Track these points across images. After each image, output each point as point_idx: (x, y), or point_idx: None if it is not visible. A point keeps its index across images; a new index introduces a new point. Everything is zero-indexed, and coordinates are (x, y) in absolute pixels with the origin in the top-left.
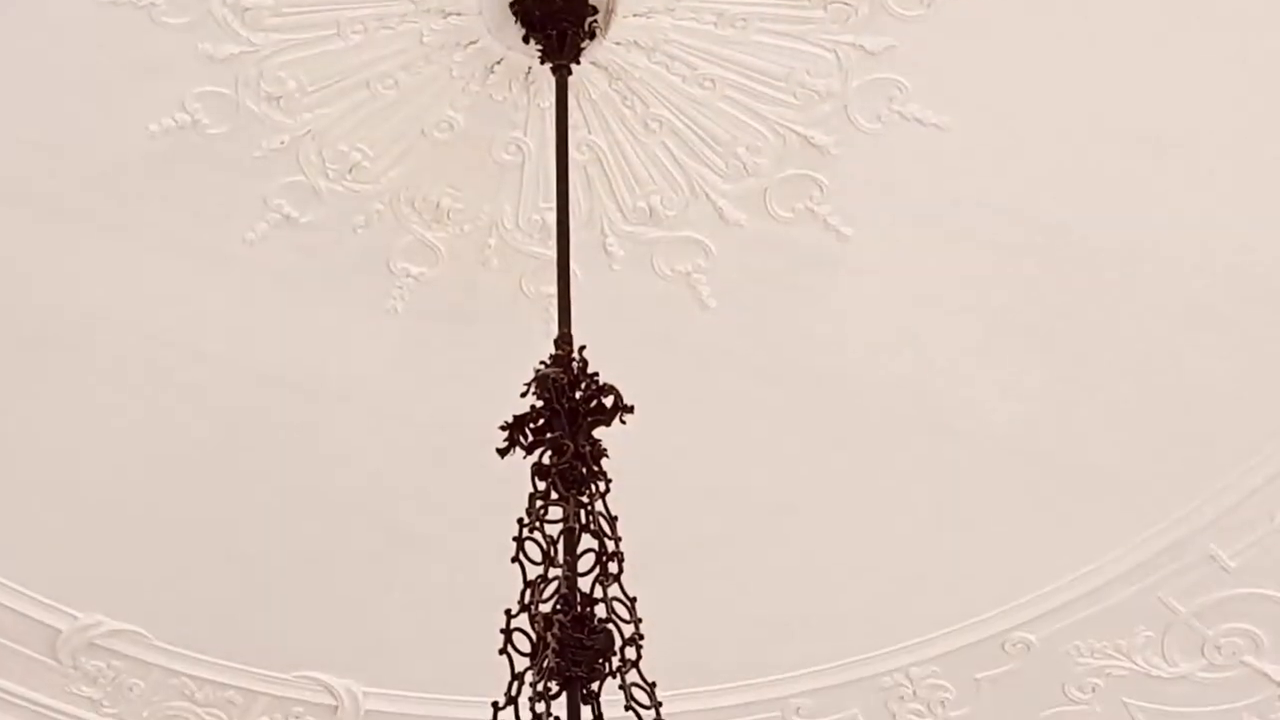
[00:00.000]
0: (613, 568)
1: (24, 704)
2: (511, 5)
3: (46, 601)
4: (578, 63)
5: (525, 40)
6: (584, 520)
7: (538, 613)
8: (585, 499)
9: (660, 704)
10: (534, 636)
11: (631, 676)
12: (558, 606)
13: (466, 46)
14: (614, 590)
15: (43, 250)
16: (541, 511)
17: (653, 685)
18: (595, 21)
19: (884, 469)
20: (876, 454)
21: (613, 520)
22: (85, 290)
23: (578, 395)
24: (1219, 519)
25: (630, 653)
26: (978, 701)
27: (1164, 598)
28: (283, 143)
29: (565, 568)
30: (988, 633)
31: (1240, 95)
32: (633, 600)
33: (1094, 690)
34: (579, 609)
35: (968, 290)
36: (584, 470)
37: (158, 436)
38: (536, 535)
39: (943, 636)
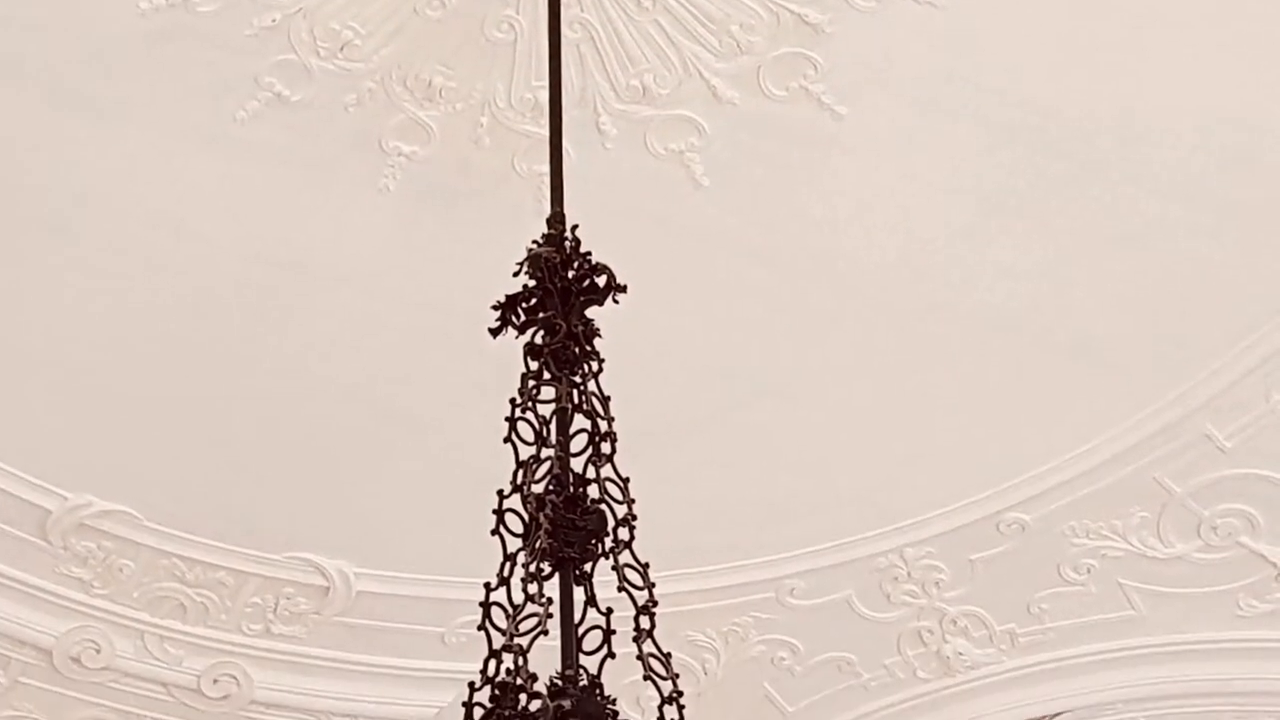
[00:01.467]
0: (605, 448)
1: (14, 585)
2: None
3: (36, 482)
4: None
5: None
6: (576, 400)
7: (530, 493)
8: (578, 379)
9: (653, 585)
10: (526, 517)
11: (624, 557)
12: (550, 487)
13: None
14: (607, 471)
15: (32, 130)
16: (534, 392)
17: (645, 566)
18: None
19: (878, 349)
20: (871, 334)
21: (605, 400)
22: (74, 170)
23: (570, 274)
24: (1214, 399)
25: (623, 533)
26: (972, 583)
27: (1159, 478)
28: (274, 20)
29: (558, 448)
30: (982, 513)
31: None
32: (625, 481)
33: (1089, 571)
34: (571, 489)
35: (961, 170)
36: (576, 350)
37: (148, 317)
38: (529, 415)
39: (937, 517)
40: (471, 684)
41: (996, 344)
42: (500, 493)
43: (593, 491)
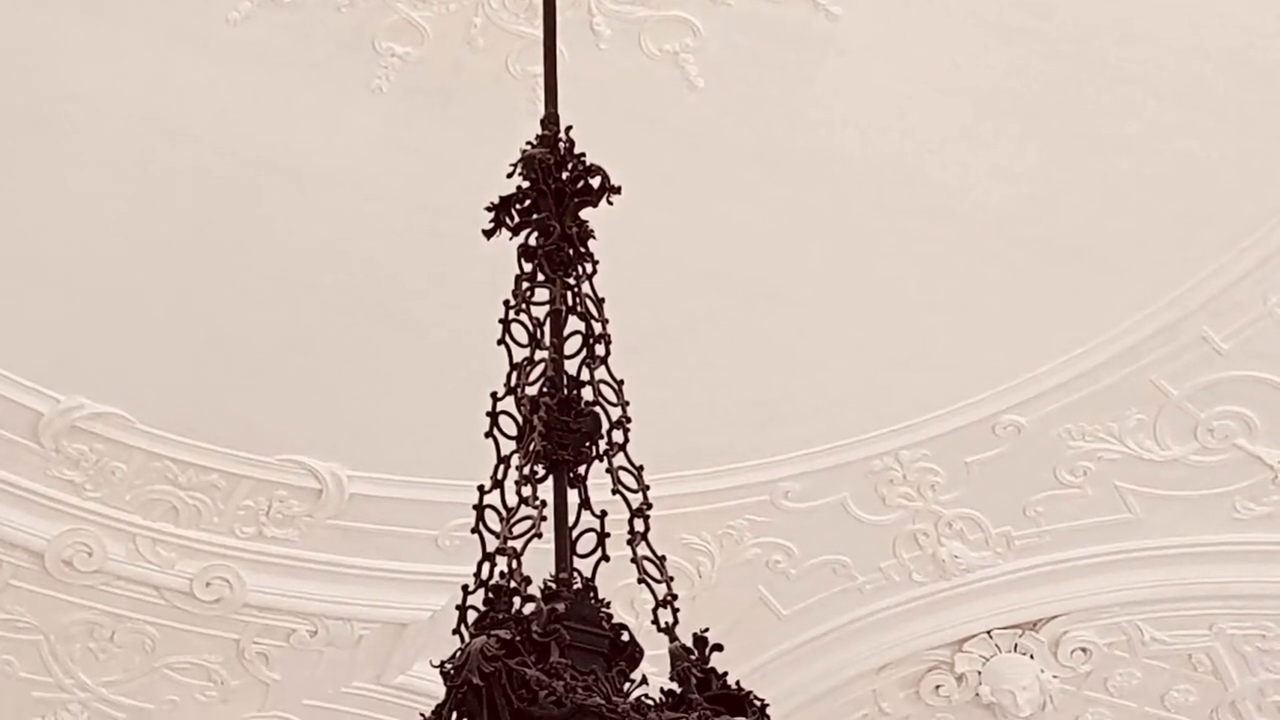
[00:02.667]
0: (600, 350)
1: (5, 488)
2: None
3: (28, 385)
4: None
5: None
6: (570, 302)
7: (524, 395)
8: (572, 280)
9: (648, 488)
10: (520, 419)
11: (619, 460)
12: (544, 389)
13: None
14: (601, 373)
15: (23, 30)
16: (528, 293)
17: (640, 469)
18: None
19: (874, 251)
20: (866, 236)
21: (599, 302)
22: (65, 71)
23: (564, 176)
24: (1211, 301)
25: (617, 436)
26: (968, 485)
27: (1156, 380)
28: None
29: (552, 350)
30: (978, 416)
31: None
32: (620, 383)
33: (1085, 474)
34: (565, 392)
35: (958, 71)
36: (570, 252)
37: (140, 220)
38: (523, 317)
39: (933, 420)
40: (465, 587)
41: (993, 246)
42: (494, 395)
43: (587, 394)
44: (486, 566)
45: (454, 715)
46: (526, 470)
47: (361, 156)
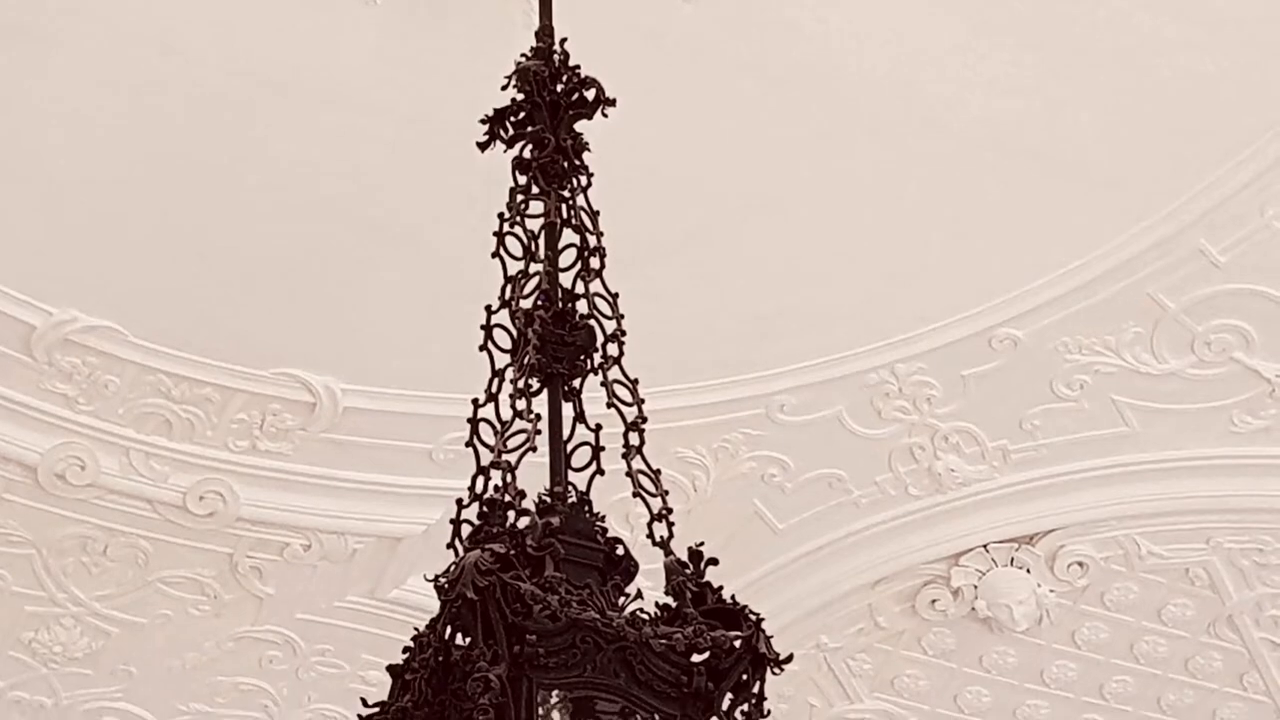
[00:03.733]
0: (594, 263)
1: None
2: None
3: (20, 297)
4: None
5: None
6: (565, 215)
7: (519, 309)
8: (566, 193)
9: (642, 401)
10: (515, 333)
11: (613, 373)
12: (539, 302)
13: None
14: (595, 286)
15: None
16: (522, 206)
17: (635, 382)
18: None
19: (870, 164)
20: (862, 148)
21: (594, 215)
22: None
23: (559, 88)
24: (1208, 214)
25: (612, 349)
26: (964, 398)
27: (1153, 293)
28: None
29: (546, 263)
30: (974, 329)
31: None
32: (615, 296)
33: (1082, 387)
34: (560, 305)
35: None
36: (565, 164)
37: (134, 134)
38: (517, 230)
39: (929, 333)
40: (459, 501)
41: (989, 159)
42: (488, 308)
43: (581, 307)
44: (481, 480)
45: (448, 629)
46: (521, 384)
47: (355, 70)
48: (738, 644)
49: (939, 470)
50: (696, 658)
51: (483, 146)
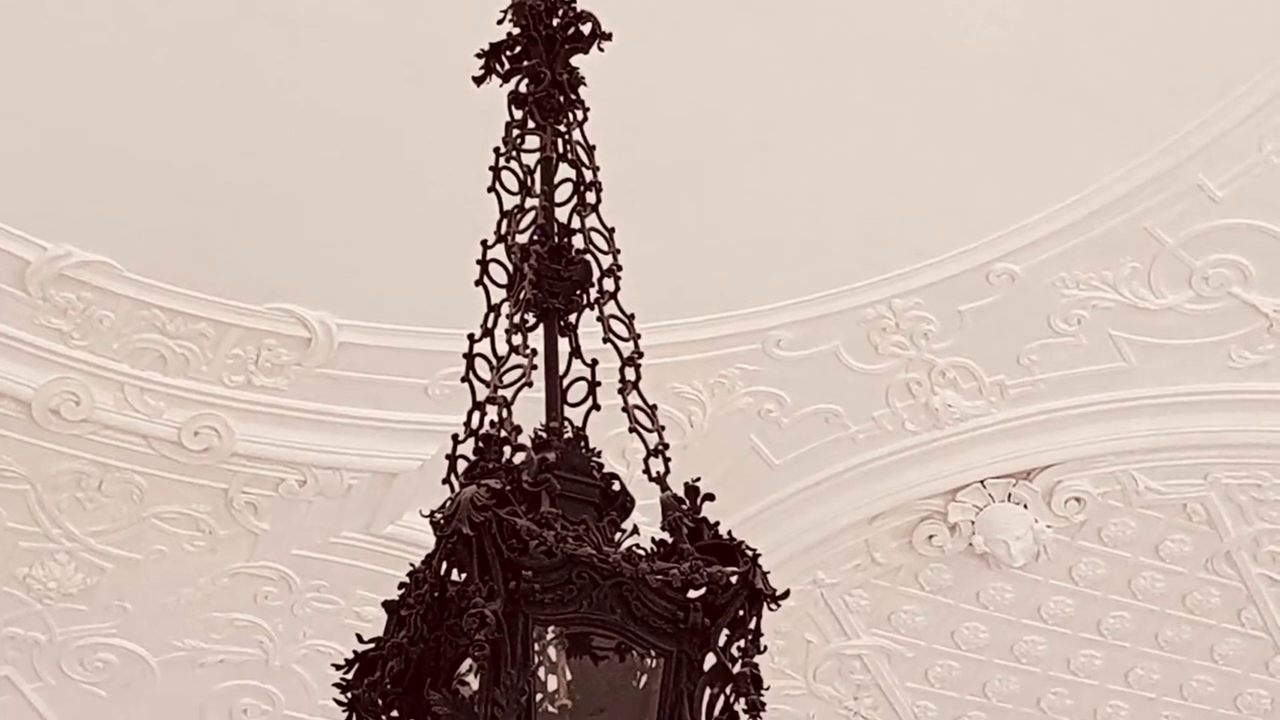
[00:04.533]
0: (590, 197)
1: None
2: None
3: (14, 232)
4: None
5: None
6: (561, 149)
7: (515, 243)
8: (562, 127)
9: (639, 336)
10: (511, 268)
11: (609, 308)
12: (535, 237)
13: None
14: (592, 220)
15: None
16: (518, 140)
17: (631, 317)
18: None
19: (868, 99)
20: (860, 84)
21: (590, 149)
22: None
23: (555, 22)
24: (1206, 148)
25: (608, 284)
26: (961, 333)
27: (1150, 228)
28: None
29: (542, 198)
30: (972, 264)
31: None
32: (611, 231)
33: (1079, 322)
34: (556, 239)
35: None
36: (561, 99)
37: (130, 68)
38: (513, 165)
39: (926, 268)
40: (455, 436)
41: (986, 92)
42: (484, 243)
43: (578, 241)
44: (476, 415)
45: (444, 565)
46: (517, 318)
47: (353, 3)
48: (734, 580)
49: (936, 405)
50: (693, 594)
51: (478, 81)
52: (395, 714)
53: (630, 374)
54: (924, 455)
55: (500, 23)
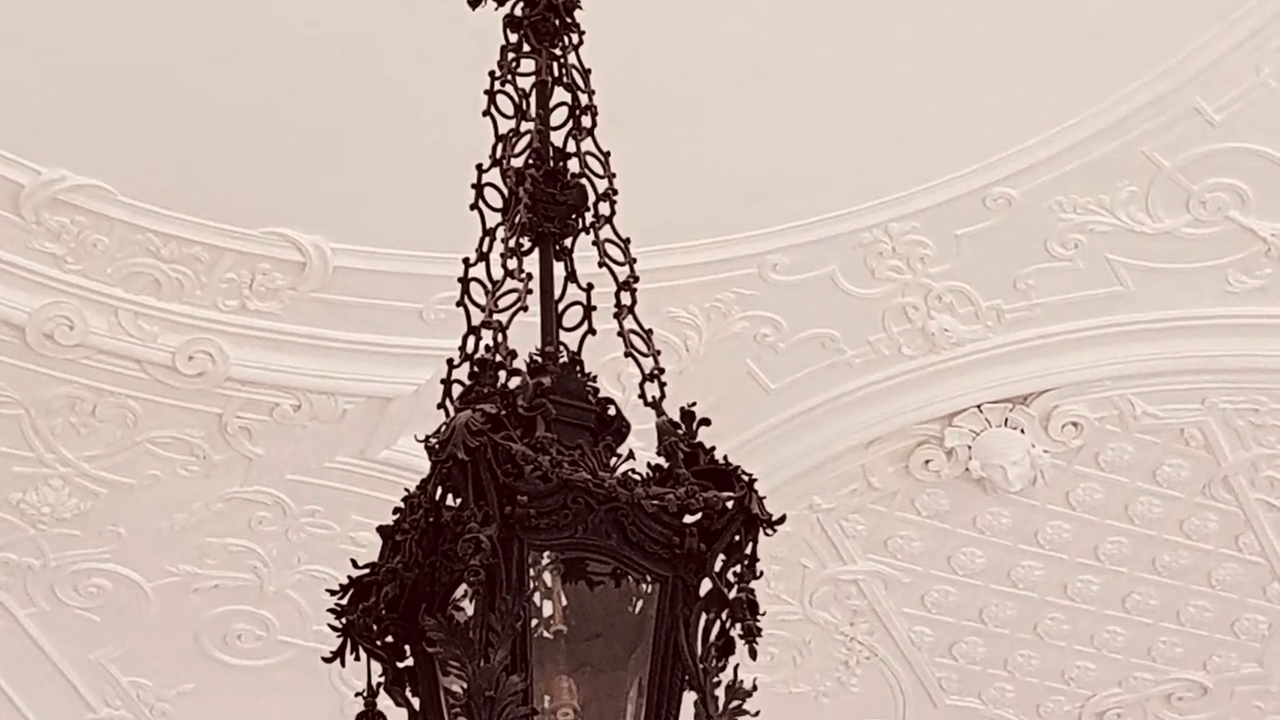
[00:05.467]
0: (586, 121)
1: None
2: None
3: (8, 156)
4: None
5: None
6: (556, 73)
7: (510, 167)
8: (558, 51)
9: (634, 260)
10: (506, 192)
11: (605, 232)
12: (530, 161)
13: None
14: (587, 144)
15: None
16: (514, 64)
17: (626, 242)
18: None
19: (863, 22)
20: (855, 6)
21: (586, 73)
22: None
23: None
24: (1204, 72)
25: (604, 208)
26: (958, 258)
27: (1148, 152)
28: None
29: (538, 121)
30: (968, 188)
31: None
32: (606, 155)
33: (1076, 246)
34: (551, 163)
35: None
36: (557, 22)
37: None
38: (508, 89)
39: (922, 192)
40: (450, 361)
41: (983, 14)
42: (479, 167)
43: (573, 165)
44: (471, 340)
45: (439, 490)
46: (512, 243)
47: None
48: (730, 505)
49: (933, 330)
50: (689, 519)
51: (473, 4)
52: (390, 639)
53: (626, 298)
54: (920, 380)
55: None
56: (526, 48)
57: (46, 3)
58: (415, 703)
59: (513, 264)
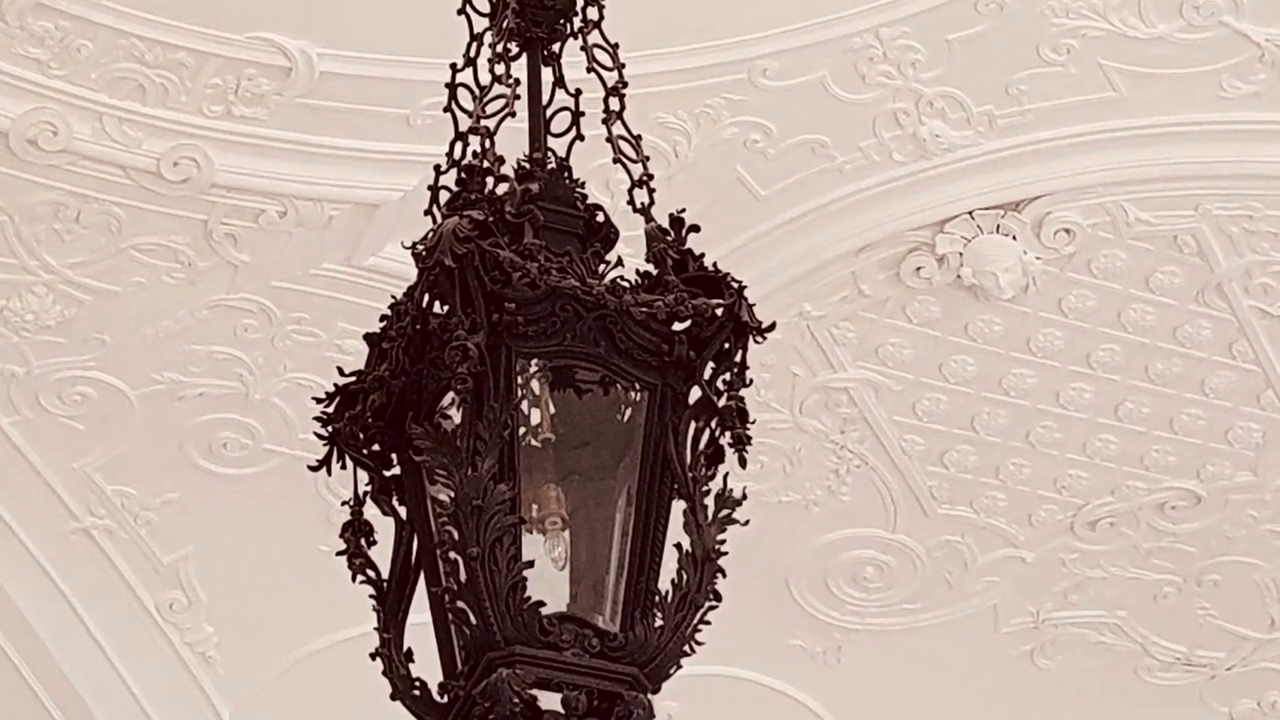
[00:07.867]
0: None
1: None
2: None
3: None
4: None
5: None
6: None
7: None
8: None
9: (623, 65)
10: None
11: (593, 37)
12: None
13: None
14: None
15: None
16: None
17: (615, 46)
18: None
19: None
20: None
21: None
22: None
23: None
24: None
25: (592, 13)
26: (949, 63)
27: None
28: None
29: None
30: None
31: None
32: None
33: (1069, 52)
34: None
35: None
36: None
37: None
38: None
39: None
40: (437, 167)
41: None
42: None
43: None
44: (459, 146)
45: (426, 297)
46: (500, 48)
47: None
48: (719, 312)
49: (924, 136)
50: (678, 326)
51: None
52: (376, 448)
53: (614, 104)
54: (912, 186)
55: None
56: None
57: None
58: (402, 511)
59: (500, 69)
